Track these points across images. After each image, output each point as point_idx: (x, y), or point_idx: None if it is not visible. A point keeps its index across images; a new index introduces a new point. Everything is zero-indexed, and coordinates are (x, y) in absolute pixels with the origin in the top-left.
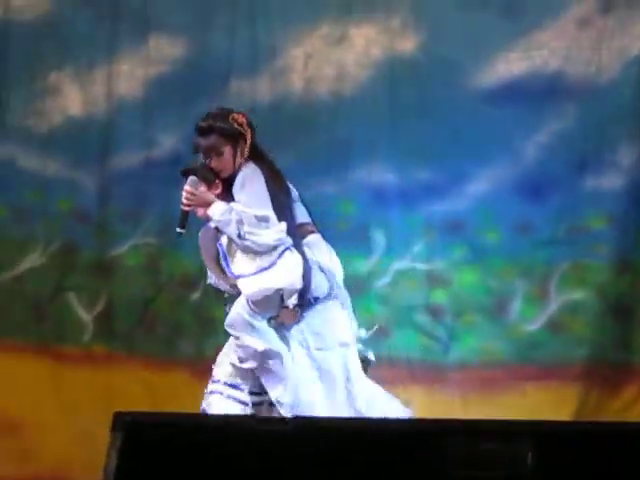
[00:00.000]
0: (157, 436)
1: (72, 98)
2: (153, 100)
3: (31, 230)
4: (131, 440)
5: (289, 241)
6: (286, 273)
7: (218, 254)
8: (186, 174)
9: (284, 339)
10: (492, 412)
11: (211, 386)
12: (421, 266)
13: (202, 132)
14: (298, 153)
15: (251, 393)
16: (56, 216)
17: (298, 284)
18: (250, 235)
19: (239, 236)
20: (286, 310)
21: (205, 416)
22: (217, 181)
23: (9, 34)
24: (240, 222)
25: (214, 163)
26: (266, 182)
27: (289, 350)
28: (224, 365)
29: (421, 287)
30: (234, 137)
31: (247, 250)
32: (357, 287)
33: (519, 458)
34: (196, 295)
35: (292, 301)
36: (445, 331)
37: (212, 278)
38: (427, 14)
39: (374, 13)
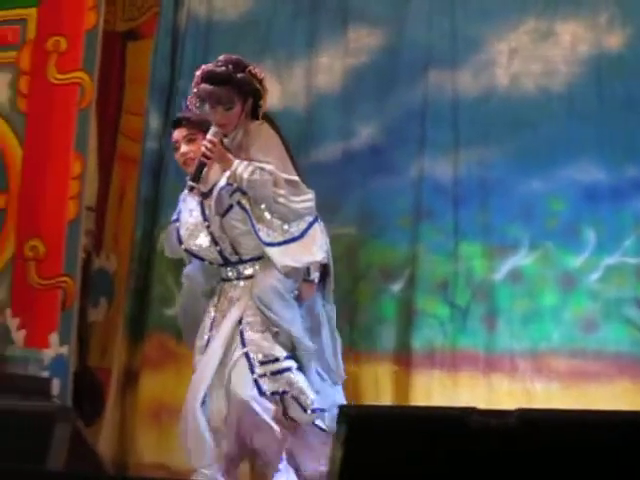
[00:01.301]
0: (381, 428)
1: (271, 92)
2: (351, 91)
3: None
4: (355, 432)
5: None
6: (317, 245)
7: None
8: (180, 123)
9: None
10: None
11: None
12: (631, 260)
13: (216, 80)
14: (505, 148)
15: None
16: None
17: (326, 258)
18: (284, 199)
19: (274, 200)
20: (308, 284)
21: (427, 408)
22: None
23: (211, 33)
24: (275, 185)
25: (219, 116)
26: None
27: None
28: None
29: (631, 281)
30: (247, 93)
31: (278, 216)
32: (567, 283)
33: None
34: (398, 286)
35: (317, 274)
36: None
37: (170, 248)
38: (634, 9)
39: (580, 9)
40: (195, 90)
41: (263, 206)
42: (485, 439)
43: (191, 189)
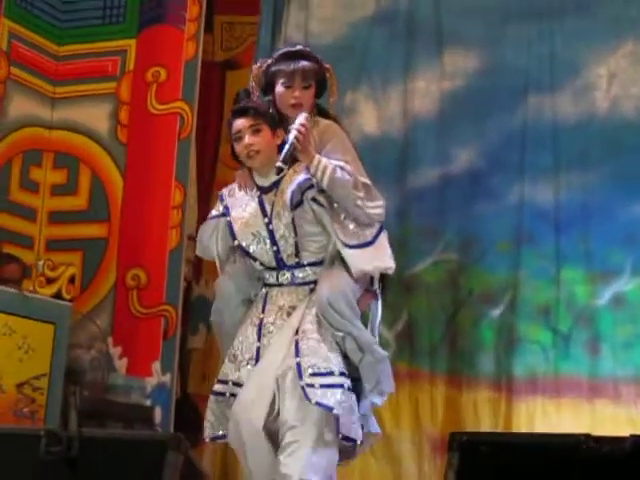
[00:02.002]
0: (494, 455)
1: (368, 117)
2: (448, 115)
3: None
4: (467, 459)
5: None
6: (387, 253)
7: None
8: (246, 113)
9: None
10: None
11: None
12: None
13: (301, 55)
14: (606, 172)
15: None
16: None
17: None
18: (362, 202)
19: (354, 203)
20: (368, 294)
21: (540, 435)
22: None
23: None
24: (354, 187)
25: (298, 93)
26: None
27: None
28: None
29: None
30: (319, 77)
31: (352, 218)
32: None
33: None
34: (497, 311)
35: (377, 285)
36: None
37: (203, 247)
38: None
39: None
40: (255, 76)
41: (336, 206)
42: (598, 466)
43: (280, 171)
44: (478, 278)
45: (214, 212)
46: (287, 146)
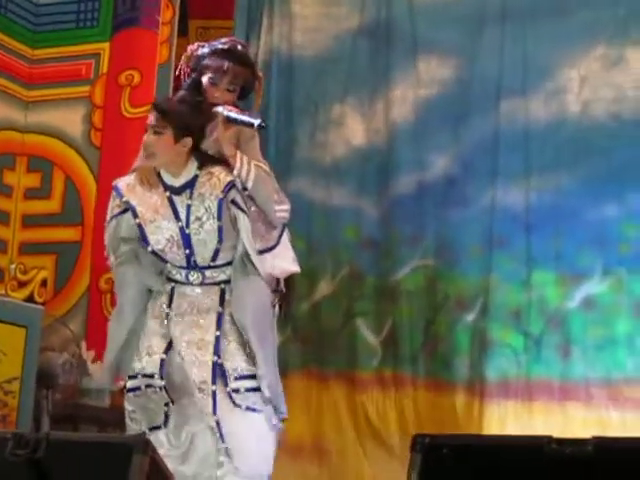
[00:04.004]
0: (456, 457)
1: (354, 128)
2: (424, 122)
3: (321, 259)
4: (430, 461)
5: None
6: (292, 254)
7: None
8: (157, 110)
9: None
10: None
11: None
12: None
13: (244, 62)
14: (577, 175)
15: None
16: (343, 244)
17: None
18: (279, 206)
19: (272, 205)
20: (275, 295)
21: (502, 437)
22: None
23: (293, 70)
24: (274, 187)
25: (219, 94)
26: None
27: None
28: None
29: None
30: (245, 84)
31: (263, 222)
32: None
33: None
34: (471, 316)
35: (282, 285)
36: None
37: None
38: None
39: None
40: (188, 57)
41: (253, 208)
42: (561, 468)
43: (265, 126)
44: (453, 283)
45: (116, 210)
46: (236, 116)
